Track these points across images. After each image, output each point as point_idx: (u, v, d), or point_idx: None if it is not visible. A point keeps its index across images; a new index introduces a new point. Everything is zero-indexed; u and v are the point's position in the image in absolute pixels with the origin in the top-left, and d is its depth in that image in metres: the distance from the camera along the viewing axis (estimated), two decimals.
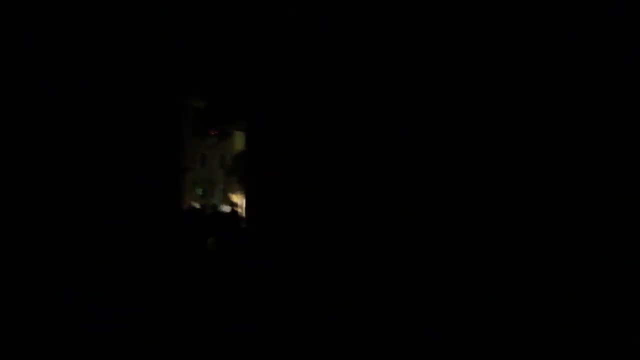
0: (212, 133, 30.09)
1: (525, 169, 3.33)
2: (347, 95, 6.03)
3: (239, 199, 23.52)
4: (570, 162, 2.88)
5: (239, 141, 27.24)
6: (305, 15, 7.36)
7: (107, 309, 5.27)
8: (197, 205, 14.32)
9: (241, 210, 13.41)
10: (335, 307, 5.20)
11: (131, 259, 6.76)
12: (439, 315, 3.89)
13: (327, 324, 4.85)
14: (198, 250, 9.86)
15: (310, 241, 6.88)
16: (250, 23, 8.42)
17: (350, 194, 5.87)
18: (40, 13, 5.82)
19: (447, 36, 4.17)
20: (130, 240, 7.01)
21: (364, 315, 4.80)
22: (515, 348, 3.13)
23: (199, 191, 28.73)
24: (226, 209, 13.10)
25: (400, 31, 4.81)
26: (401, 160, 5.01)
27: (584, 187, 2.79)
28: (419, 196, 4.67)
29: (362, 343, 4.23)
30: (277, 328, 4.86)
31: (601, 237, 2.73)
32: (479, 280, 3.73)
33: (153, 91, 8.43)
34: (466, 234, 3.88)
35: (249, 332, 4.75)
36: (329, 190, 6.48)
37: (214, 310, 5.77)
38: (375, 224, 5.37)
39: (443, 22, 4.18)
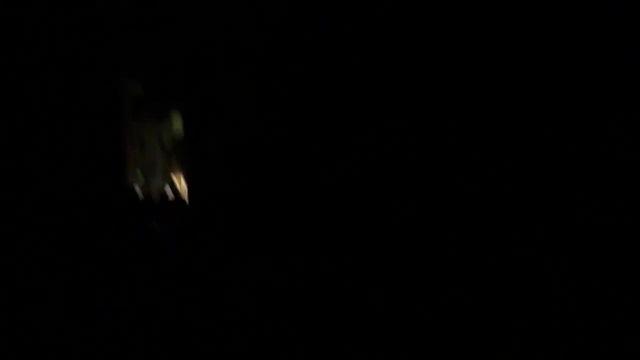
0: (148, 116, 29.53)
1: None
2: (283, 81, 6.22)
3: (179, 180, 23.42)
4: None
5: (177, 123, 26.96)
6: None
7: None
8: (139, 189, 14.30)
9: (181, 191, 13.53)
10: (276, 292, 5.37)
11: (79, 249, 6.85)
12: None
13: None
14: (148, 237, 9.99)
15: (250, 223, 7.15)
16: (185, 9, 8.53)
17: (282, 180, 6.07)
18: None
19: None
20: (78, 230, 7.08)
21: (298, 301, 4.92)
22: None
23: (140, 174, 28.34)
24: (168, 190, 13.22)
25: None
26: (336, 146, 5.04)
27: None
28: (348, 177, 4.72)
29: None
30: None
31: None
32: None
33: (90, 77, 8.44)
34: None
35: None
36: (265, 173, 6.70)
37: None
38: (303, 208, 5.48)
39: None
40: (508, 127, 3.29)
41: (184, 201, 12.29)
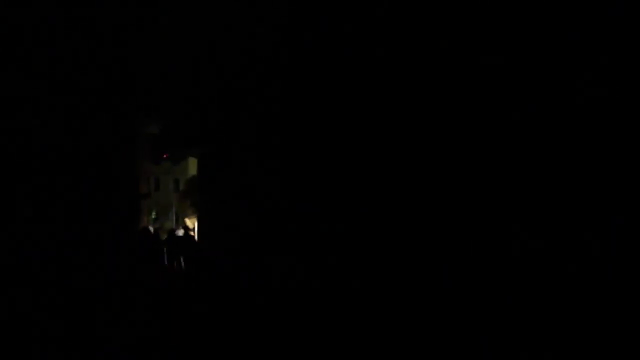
0: (165, 157, 30.23)
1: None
2: (296, 129, 6.39)
3: (191, 223, 23.66)
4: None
5: (192, 166, 27.49)
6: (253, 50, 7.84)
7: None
8: (151, 229, 14.56)
9: (194, 234, 13.74)
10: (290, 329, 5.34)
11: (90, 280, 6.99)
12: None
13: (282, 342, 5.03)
14: (154, 270, 10.16)
15: (256, 266, 7.27)
16: (204, 55, 8.92)
17: (296, 226, 6.16)
18: None
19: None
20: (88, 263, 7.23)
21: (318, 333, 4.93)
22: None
23: (153, 214, 28.71)
24: (179, 232, 13.48)
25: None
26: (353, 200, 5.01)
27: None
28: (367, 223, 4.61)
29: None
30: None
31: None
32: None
33: (111, 117, 8.77)
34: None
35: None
36: (274, 219, 6.84)
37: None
38: (323, 251, 5.50)
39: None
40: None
41: (195, 241, 12.52)
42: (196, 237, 13.35)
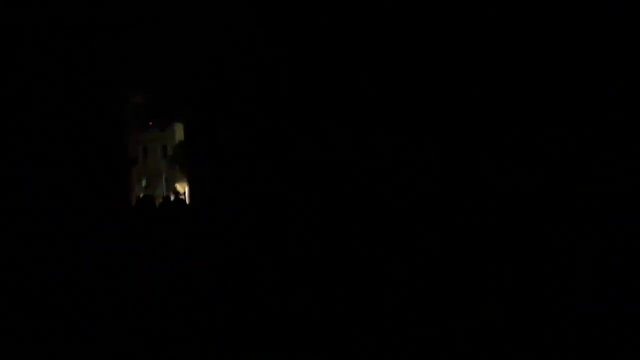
0: (150, 124, 30.01)
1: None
2: (278, 93, 6.52)
3: (182, 187, 23.94)
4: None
5: (179, 132, 27.48)
6: (241, 20, 7.93)
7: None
8: (142, 195, 14.79)
9: (184, 197, 14.05)
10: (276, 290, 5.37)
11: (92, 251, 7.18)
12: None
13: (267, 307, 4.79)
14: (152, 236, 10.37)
15: (249, 225, 7.44)
16: (189, 23, 9.03)
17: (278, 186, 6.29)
18: None
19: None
20: (86, 232, 7.40)
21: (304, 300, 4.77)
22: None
23: (144, 183, 28.81)
24: (171, 196, 13.81)
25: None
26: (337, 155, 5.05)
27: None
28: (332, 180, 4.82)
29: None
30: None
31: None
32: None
33: (96, 87, 8.91)
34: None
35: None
36: (261, 177, 7.02)
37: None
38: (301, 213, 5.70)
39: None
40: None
41: (185, 205, 12.82)
42: (187, 201, 13.63)
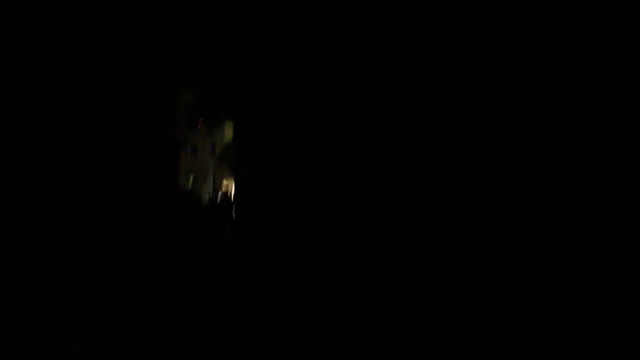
0: (201, 121, 30.63)
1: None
2: (327, 92, 6.53)
3: (230, 186, 24.20)
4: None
5: (228, 130, 27.84)
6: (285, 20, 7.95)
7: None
8: (191, 191, 15.03)
9: (230, 195, 14.14)
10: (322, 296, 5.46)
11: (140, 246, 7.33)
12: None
13: (313, 314, 4.96)
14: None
15: (297, 230, 7.47)
16: (235, 25, 9.09)
17: (331, 187, 6.33)
18: (29, 11, 6.20)
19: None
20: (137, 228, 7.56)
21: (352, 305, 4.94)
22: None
23: (191, 178, 29.36)
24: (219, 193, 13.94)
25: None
26: (381, 156, 5.06)
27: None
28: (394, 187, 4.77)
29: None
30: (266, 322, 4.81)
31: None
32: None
33: (147, 86, 9.07)
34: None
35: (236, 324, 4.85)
36: (310, 180, 7.04)
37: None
38: (352, 216, 5.63)
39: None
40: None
41: (232, 203, 12.91)
42: (232, 199, 13.74)
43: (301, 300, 5.59)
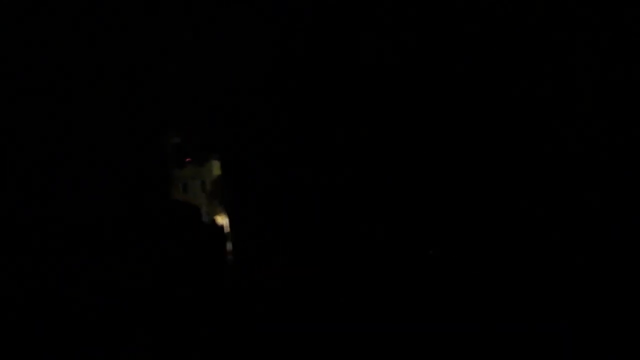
0: (188, 161, 31.01)
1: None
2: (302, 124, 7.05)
3: (222, 220, 24.51)
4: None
5: (216, 167, 28.22)
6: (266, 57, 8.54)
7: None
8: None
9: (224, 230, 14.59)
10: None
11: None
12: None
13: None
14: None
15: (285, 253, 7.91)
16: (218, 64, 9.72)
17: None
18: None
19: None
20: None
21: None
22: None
23: None
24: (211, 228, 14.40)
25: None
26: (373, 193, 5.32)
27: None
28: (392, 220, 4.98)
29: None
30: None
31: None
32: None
33: (140, 131, 9.65)
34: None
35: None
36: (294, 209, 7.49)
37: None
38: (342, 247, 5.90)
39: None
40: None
41: (225, 236, 13.38)
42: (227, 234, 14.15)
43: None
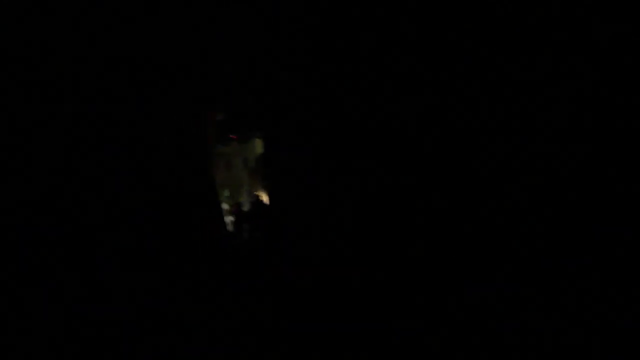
0: (233, 138, 31.26)
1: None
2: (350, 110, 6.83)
3: (264, 197, 24.73)
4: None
5: (259, 145, 28.38)
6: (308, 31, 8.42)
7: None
8: (226, 206, 15.62)
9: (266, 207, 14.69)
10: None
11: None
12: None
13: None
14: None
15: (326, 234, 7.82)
16: (258, 43, 9.66)
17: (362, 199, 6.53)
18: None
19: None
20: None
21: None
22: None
23: (226, 192, 30.01)
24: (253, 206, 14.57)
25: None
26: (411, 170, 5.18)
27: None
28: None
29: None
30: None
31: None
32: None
33: (181, 108, 9.72)
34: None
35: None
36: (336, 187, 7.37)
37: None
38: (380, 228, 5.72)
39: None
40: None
41: (267, 215, 13.46)
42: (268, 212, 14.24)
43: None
